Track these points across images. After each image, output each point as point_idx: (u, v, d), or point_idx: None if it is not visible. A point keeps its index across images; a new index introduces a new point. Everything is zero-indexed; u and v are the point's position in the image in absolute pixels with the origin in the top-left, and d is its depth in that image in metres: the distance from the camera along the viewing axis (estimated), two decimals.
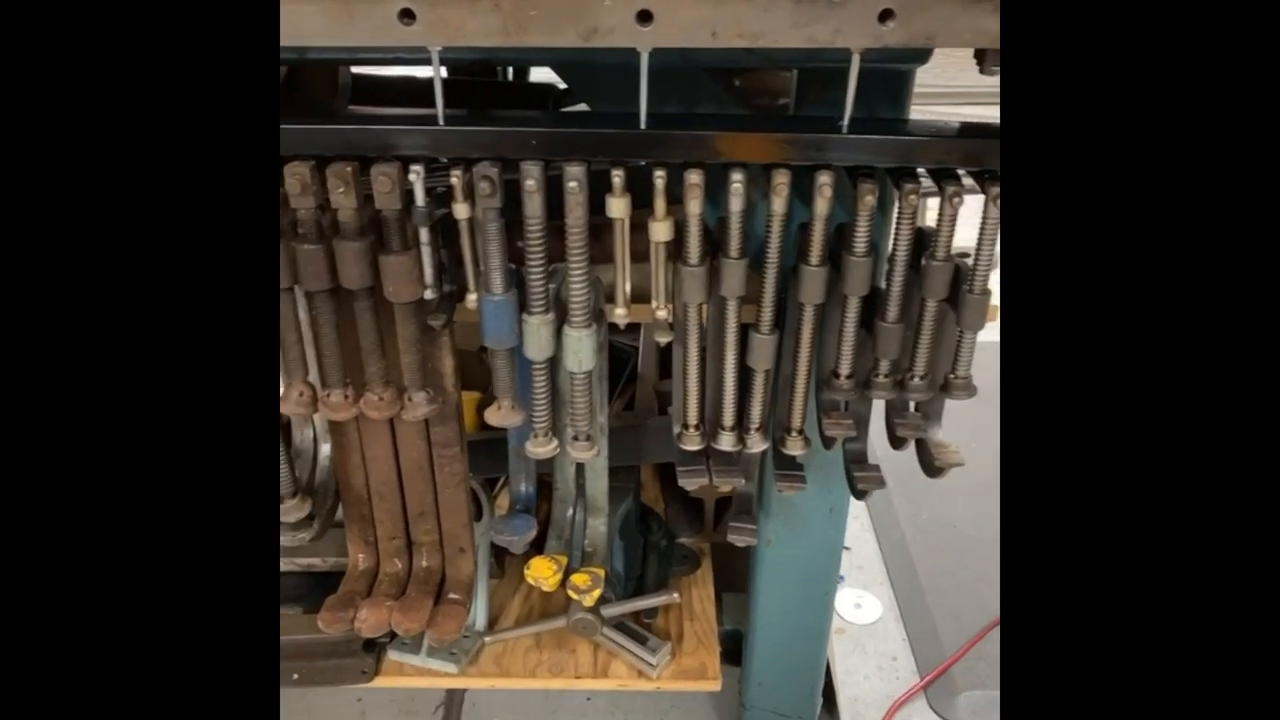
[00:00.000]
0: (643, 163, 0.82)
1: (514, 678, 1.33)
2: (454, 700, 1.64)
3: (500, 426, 0.93)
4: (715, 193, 0.83)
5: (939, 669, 1.67)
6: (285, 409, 0.94)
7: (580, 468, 1.12)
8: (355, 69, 1.49)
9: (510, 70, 2.01)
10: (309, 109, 1.26)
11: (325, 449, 1.13)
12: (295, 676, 1.34)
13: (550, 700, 1.63)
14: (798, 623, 1.34)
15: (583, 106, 1.61)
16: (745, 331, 0.90)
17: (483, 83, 1.97)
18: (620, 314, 0.88)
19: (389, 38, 0.74)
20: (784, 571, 1.28)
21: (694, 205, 0.81)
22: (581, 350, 0.89)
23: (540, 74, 1.99)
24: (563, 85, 1.82)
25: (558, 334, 0.89)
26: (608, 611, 1.27)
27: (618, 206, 0.82)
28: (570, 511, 1.13)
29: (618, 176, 0.81)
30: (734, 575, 1.59)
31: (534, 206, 0.82)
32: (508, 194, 0.83)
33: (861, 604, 1.85)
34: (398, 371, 0.95)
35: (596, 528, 1.13)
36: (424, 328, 0.91)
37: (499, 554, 1.46)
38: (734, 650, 1.47)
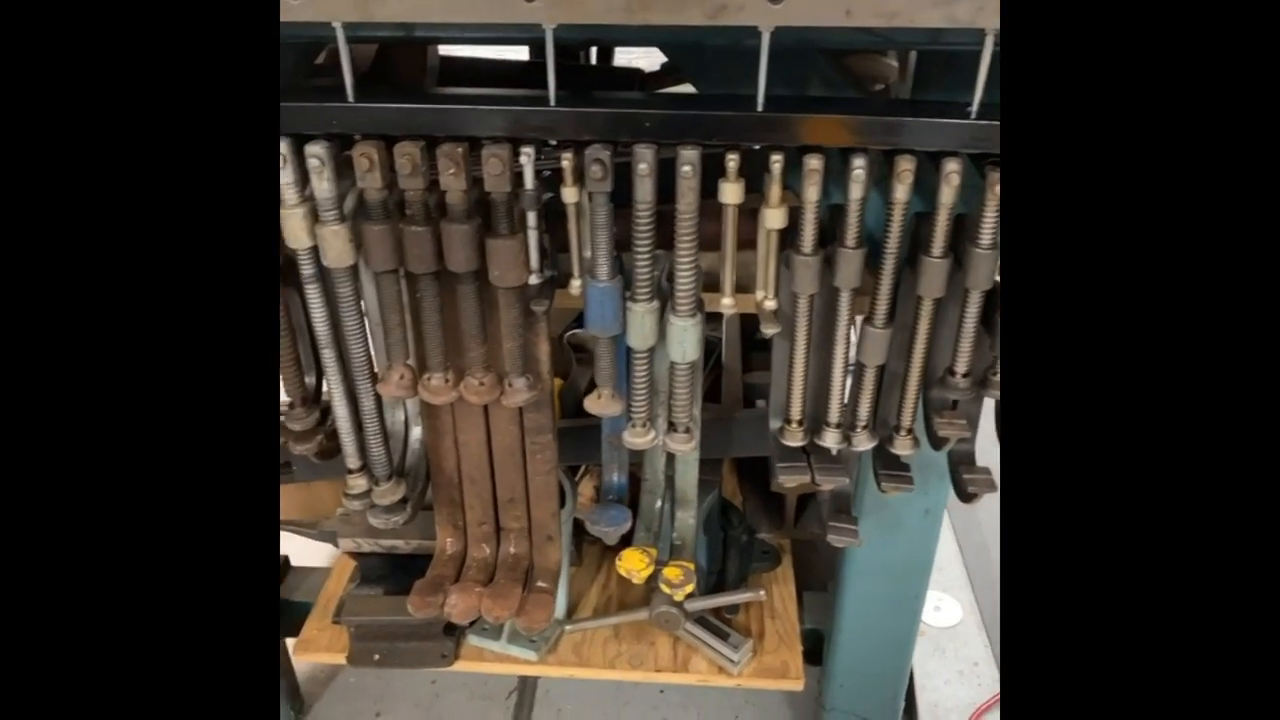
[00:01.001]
0: (756, 146, 0.80)
1: (593, 668, 1.32)
2: (527, 686, 1.64)
3: (596, 415, 0.91)
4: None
5: None
6: (385, 391, 0.93)
7: (670, 459, 1.10)
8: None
9: (592, 53, 1.99)
10: (400, 90, 1.26)
11: (416, 432, 1.13)
12: (376, 657, 1.35)
13: (623, 691, 1.62)
14: (884, 625, 1.31)
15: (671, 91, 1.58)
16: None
17: (569, 66, 1.96)
18: (727, 303, 0.86)
19: (507, 15, 0.72)
20: (873, 572, 1.25)
21: (813, 192, 0.78)
22: (686, 340, 0.86)
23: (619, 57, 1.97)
24: (649, 70, 1.80)
25: (660, 322, 0.87)
26: (691, 606, 1.25)
27: (732, 192, 0.80)
28: (659, 504, 1.11)
29: (733, 160, 0.78)
30: (811, 573, 1.56)
31: (645, 191, 0.80)
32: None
33: (941, 606, 1.81)
34: (497, 357, 0.94)
35: (685, 520, 1.11)
36: (525, 313, 0.90)
37: (577, 542, 1.45)
38: (812, 650, 1.44)
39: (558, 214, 0.86)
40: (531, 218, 0.83)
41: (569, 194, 0.82)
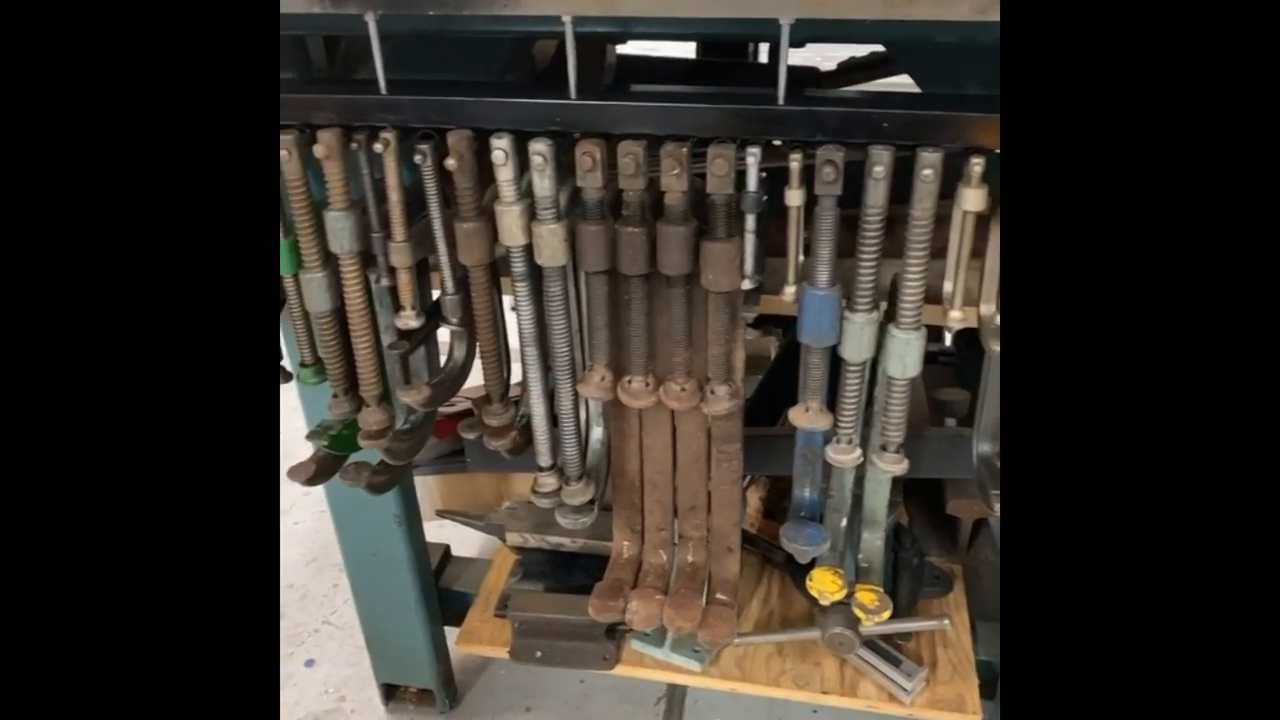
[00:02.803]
0: (998, 150, 0.74)
1: (756, 684, 1.29)
2: (675, 694, 1.61)
3: (804, 428, 0.88)
4: None
5: None
6: (586, 392, 0.92)
7: (860, 477, 1.05)
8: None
9: (760, 50, 1.95)
10: (615, 87, 1.25)
11: (597, 433, 1.12)
12: (538, 654, 1.35)
13: (774, 707, 1.58)
14: None
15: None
16: None
17: (737, 65, 1.92)
18: (956, 316, 0.80)
19: (754, 9, 0.70)
20: None
21: None
22: (908, 354, 0.82)
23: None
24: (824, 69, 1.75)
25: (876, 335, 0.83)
26: (865, 630, 1.20)
27: (974, 198, 0.74)
28: (843, 522, 1.07)
29: (979, 165, 0.73)
30: (980, 602, 1.47)
31: (877, 195, 0.75)
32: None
33: None
34: (696, 362, 0.91)
35: (873, 542, 1.06)
36: (733, 319, 0.87)
37: None
38: (983, 684, 1.36)
39: (771, 217, 0.83)
40: (751, 220, 0.80)
41: (793, 196, 0.78)
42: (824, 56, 1.73)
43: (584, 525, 1.00)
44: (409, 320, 0.91)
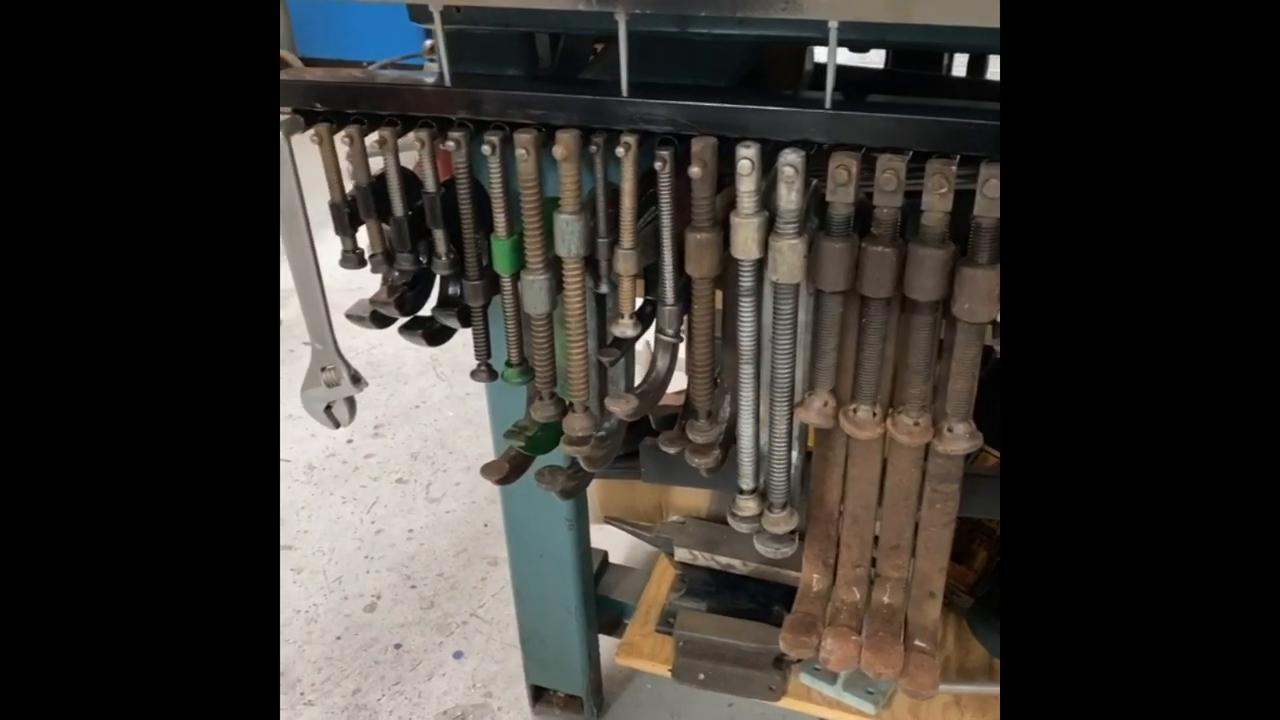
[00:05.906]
0: None
1: None
2: None
3: None
4: None
5: None
6: (805, 417, 0.88)
7: None
8: None
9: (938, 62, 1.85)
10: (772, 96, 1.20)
11: (792, 457, 1.07)
12: (701, 677, 1.31)
13: None
14: None
15: None
16: None
17: (930, 76, 1.84)
18: None
19: (979, 16, 0.64)
20: None
21: None
22: None
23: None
24: None
25: None
26: None
27: None
28: None
29: None
30: None
31: None
32: None
33: None
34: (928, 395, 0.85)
35: None
36: (980, 351, 0.80)
37: None
38: None
39: None
40: None
41: None
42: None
43: (784, 555, 0.96)
44: (627, 328, 0.88)
